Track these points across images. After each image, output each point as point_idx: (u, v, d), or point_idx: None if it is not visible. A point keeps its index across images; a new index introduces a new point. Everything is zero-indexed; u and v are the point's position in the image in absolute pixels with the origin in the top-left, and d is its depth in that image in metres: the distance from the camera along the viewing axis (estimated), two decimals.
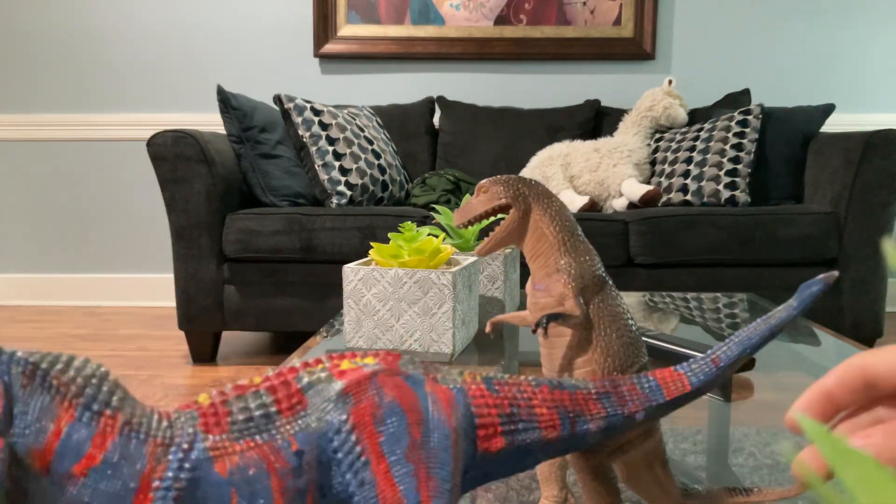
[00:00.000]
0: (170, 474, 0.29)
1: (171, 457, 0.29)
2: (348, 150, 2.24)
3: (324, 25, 2.79)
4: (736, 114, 2.28)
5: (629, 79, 2.81)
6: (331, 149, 2.23)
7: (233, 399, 0.32)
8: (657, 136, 2.43)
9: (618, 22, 2.76)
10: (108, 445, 0.29)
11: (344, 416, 0.32)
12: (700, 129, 2.32)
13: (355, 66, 2.85)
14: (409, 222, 0.92)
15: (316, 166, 2.22)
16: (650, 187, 2.20)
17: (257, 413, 0.31)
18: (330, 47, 2.80)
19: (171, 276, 2.95)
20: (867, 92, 2.78)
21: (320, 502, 0.31)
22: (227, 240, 2.01)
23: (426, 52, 2.78)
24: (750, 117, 2.25)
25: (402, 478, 0.31)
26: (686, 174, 2.23)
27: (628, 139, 2.38)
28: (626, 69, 2.81)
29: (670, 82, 2.44)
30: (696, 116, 2.47)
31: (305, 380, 0.32)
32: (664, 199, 2.25)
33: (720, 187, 2.16)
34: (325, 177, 2.21)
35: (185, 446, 0.30)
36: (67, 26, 2.87)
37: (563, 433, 0.37)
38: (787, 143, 2.27)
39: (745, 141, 2.21)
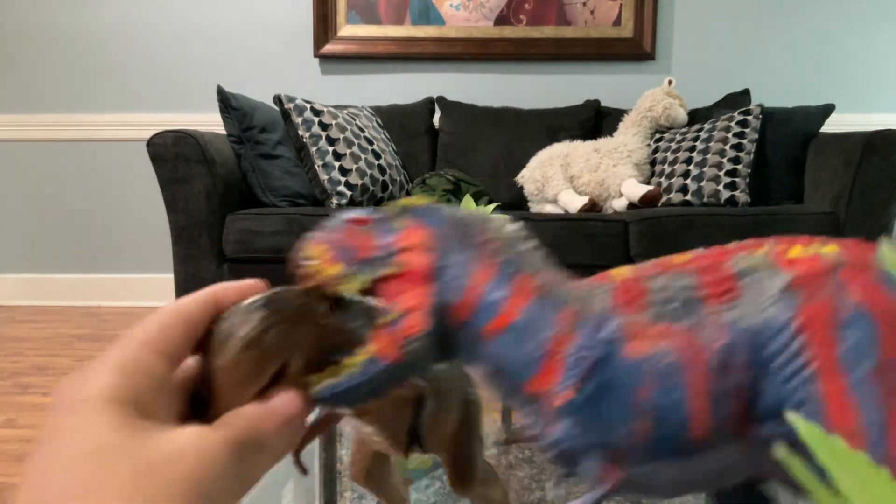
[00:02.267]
0: (579, 347, 0.27)
1: (581, 329, 0.27)
2: (348, 151, 2.24)
3: (324, 26, 2.79)
4: (736, 114, 2.28)
5: (629, 79, 2.81)
6: (331, 149, 2.23)
7: (652, 276, 0.27)
8: (657, 136, 2.43)
9: (618, 22, 2.76)
10: (522, 309, 0.28)
11: (789, 314, 0.25)
12: (700, 130, 2.32)
13: (355, 66, 2.85)
14: None
15: (316, 166, 2.22)
16: (650, 187, 2.20)
17: (680, 295, 0.26)
18: (330, 47, 2.80)
19: (171, 276, 2.95)
20: (867, 92, 2.78)
21: (746, 414, 0.25)
22: (227, 240, 2.01)
23: (426, 53, 2.79)
24: (750, 117, 2.25)
25: (863, 403, 0.24)
26: (686, 174, 2.23)
27: (628, 139, 2.38)
28: (626, 69, 2.81)
29: (670, 82, 2.44)
30: (696, 116, 2.47)
31: (741, 265, 0.26)
32: (664, 199, 2.25)
33: (720, 187, 2.16)
34: (326, 177, 2.21)
35: (597, 320, 0.27)
36: (67, 26, 2.87)
37: None
38: (787, 143, 2.27)
39: (744, 141, 2.21)
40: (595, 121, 2.60)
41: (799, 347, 0.24)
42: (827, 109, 2.29)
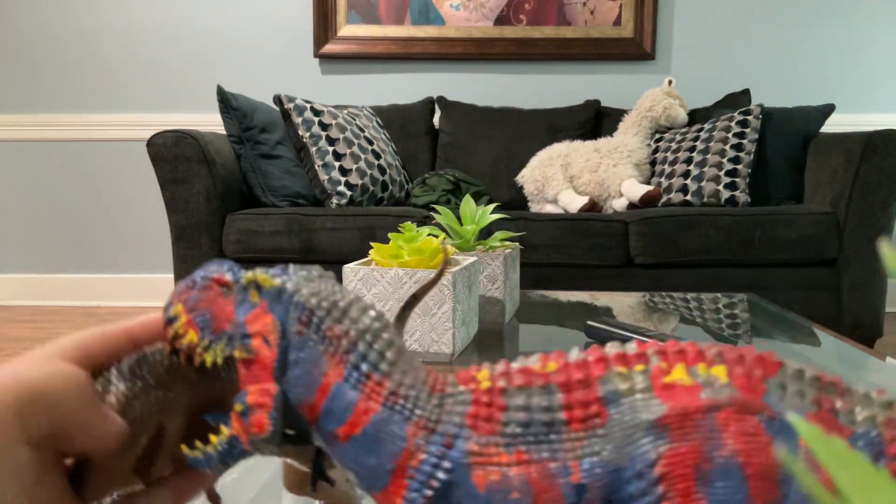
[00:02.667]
0: (425, 468, 0.25)
1: (430, 448, 0.25)
2: (348, 151, 2.24)
3: (324, 25, 2.79)
4: (736, 114, 2.28)
5: (629, 79, 2.81)
6: (331, 149, 2.23)
7: (514, 390, 0.25)
8: (657, 136, 2.43)
9: (618, 22, 2.76)
10: (370, 417, 0.26)
11: (652, 457, 0.23)
12: (700, 130, 2.32)
13: (355, 66, 2.85)
14: (409, 222, 0.92)
15: (316, 166, 2.22)
16: (650, 187, 2.20)
17: (539, 416, 0.24)
18: (330, 47, 2.80)
19: (171, 276, 2.95)
20: (867, 92, 2.78)
21: None
22: (227, 240, 2.01)
23: (426, 53, 2.79)
24: (750, 117, 2.25)
25: None
26: (686, 174, 2.23)
27: (628, 139, 2.38)
28: (626, 69, 2.81)
29: (670, 82, 2.44)
30: (696, 116, 2.47)
31: (613, 386, 0.24)
32: (664, 199, 2.25)
33: (720, 187, 2.16)
34: (326, 177, 2.21)
35: (447, 440, 0.25)
36: (67, 26, 2.87)
37: None
38: (787, 143, 2.27)
39: (745, 141, 2.21)
40: (595, 121, 2.60)
41: (658, 496, 0.22)
42: (827, 109, 2.29)
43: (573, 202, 2.25)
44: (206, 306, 0.29)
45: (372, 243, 0.92)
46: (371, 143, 2.33)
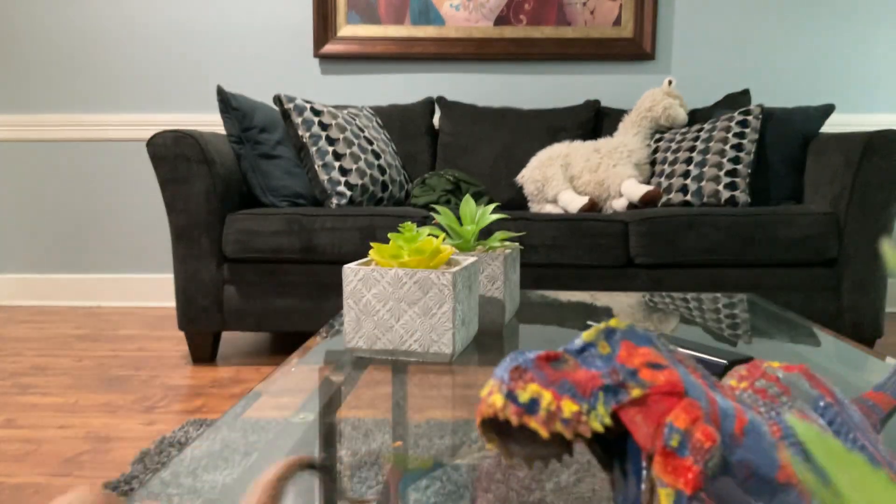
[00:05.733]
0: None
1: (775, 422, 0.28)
2: (348, 151, 2.24)
3: (324, 25, 2.79)
4: (736, 114, 2.28)
5: (629, 79, 2.81)
6: (331, 149, 2.23)
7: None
8: (657, 136, 2.43)
9: (618, 22, 2.76)
10: (744, 412, 0.28)
11: None
12: (700, 130, 2.32)
13: (355, 66, 2.85)
14: (409, 222, 0.92)
15: (316, 166, 2.22)
16: (650, 188, 2.20)
17: None
18: (330, 47, 2.80)
19: (171, 276, 2.96)
20: (867, 92, 2.78)
21: None
22: (227, 240, 2.01)
23: (426, 53, 2.79)
24: (750, 117, 2.25)
25: None
26: (686, 174, 2.23)
27: (628, 139, 2.38)
28: (626, 69, 2.81)
29: (670, 82, 2.44)
30: (696, 116, 2.47)
31: None
32: (664, 199, 2.25)
33: (720, 188, 2.16)
34: (325, 177, 2.21)
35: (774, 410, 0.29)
36: (67, 26, 2.87)
37: None
38: (787, 144, 2.27)
39: (745, 141, 2.21)
40: (595, 121, 2.60)
41: None
42: (827, 109, 2.29)
43: (573, 202, 2.25)
44: (561, 377, 0.27)
45: (372, 243, 0.92)
46: (371, 143, 2.33)
